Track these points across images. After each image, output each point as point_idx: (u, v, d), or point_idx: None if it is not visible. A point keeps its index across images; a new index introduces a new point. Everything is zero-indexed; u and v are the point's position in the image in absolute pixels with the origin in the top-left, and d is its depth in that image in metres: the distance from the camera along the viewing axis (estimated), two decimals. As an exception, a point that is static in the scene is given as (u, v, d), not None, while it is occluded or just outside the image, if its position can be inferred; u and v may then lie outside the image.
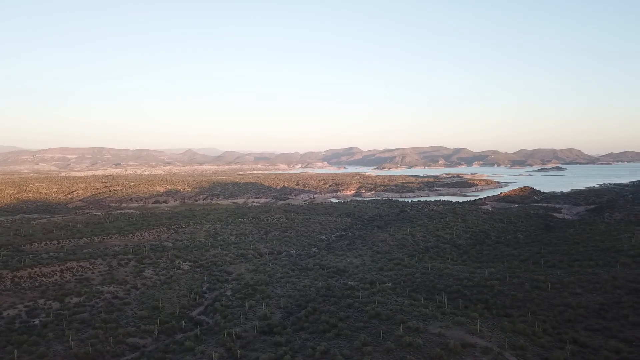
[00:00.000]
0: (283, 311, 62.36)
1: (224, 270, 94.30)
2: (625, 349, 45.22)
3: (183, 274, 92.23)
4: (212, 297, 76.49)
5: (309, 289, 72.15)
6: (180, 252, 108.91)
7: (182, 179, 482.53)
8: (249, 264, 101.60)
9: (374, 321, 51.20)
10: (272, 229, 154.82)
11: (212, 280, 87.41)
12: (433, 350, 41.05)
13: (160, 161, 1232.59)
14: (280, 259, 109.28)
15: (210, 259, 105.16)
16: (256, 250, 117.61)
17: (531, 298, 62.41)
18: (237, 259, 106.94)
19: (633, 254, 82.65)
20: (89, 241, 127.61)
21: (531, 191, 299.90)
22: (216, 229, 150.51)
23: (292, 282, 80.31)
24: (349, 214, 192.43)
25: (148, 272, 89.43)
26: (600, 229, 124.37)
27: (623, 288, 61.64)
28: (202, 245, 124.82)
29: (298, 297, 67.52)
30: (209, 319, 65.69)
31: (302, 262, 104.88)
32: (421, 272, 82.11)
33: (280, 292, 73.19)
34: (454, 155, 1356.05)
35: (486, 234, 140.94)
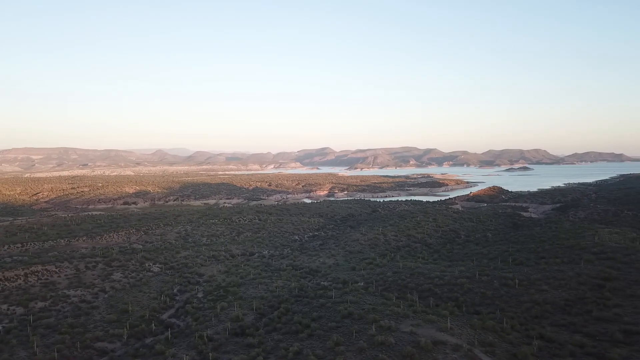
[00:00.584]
0: (255, 312, 61.97)
1: (195, 272, 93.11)
2: (589, 343, 46.65)
3: (153, 276, 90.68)
4: (183, 300, 75.42)
5: (282, 290, 71.94)
6: (150, 254, 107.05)
7: (152, 179, 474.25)
8: (220, 266, 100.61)
9: (347, 321, 51.42)
10: (245, 230, 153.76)
11: (183, 282, 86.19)
12: (405, 348, 41.48)
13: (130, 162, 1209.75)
14: (253, 260, 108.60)
15: (181, 260, 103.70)
16: (228, 251, 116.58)
17: (500, 295, 63.76)
18: (209, 261, 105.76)
19: (596, 251, 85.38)
20: (55, 244, 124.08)
21: (499, 191, 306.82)
22: (187, 231, 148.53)
23: (265, 283, 79.90)
24: (321, 214, 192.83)
25: (117, 275, 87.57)
26: (566, 227, 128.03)
27: (587, 284, 63.60)
28: (173, 247, 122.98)
29: (271, 298, 67.25)
30: (180, 322, 64.75)
31: (275, 263, 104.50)
32: (393, 271, 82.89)
33: (253, 293, 72.74)
34: (424, 155, 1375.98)
35: (456, 233, 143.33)
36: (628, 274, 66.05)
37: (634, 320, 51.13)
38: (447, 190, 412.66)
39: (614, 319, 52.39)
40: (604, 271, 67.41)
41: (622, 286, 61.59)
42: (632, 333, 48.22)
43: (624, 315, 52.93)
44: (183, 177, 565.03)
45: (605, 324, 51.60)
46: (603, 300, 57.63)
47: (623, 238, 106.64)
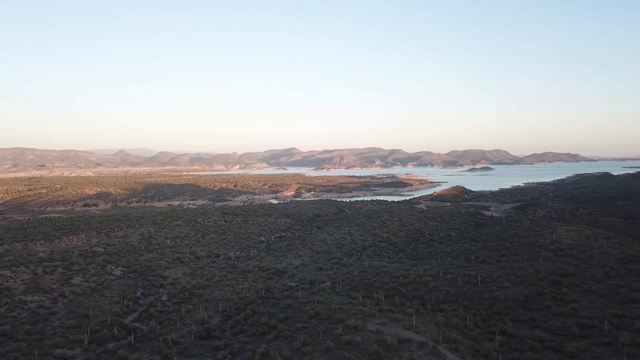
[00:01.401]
0: (221, 315, 61.30)
1: (159, 275, 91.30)
2: (548, 337, 48.26)
3: (115, 279, 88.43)
4: (147, 303, 73.83)
5: (248, 292, 71.41)
6: (112, 257, 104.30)
7: (113, 180, 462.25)
8: (185, 268, 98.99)
9: (314, 321, 51.47)
10: (210, 232, 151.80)
11: (146, 285, 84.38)
12: (371, 347, 41.84)
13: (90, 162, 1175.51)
14: (218, 262, 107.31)
15: (145, 263, 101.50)
16: (193, 253, 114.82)
17: (463, 293, 65.13)
18: (173, 263, 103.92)
19: (554, 248, 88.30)
20: (10, 248, 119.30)
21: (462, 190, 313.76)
22: (150, 233, 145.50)
23: (231, 285, 79.15)
24: (288, 215, 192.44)
25: (77, 279, 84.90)
26: (525, 225, 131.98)
27: (545, 280, 65.74)
28: (136, 249, 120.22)
29: (237, 300, 66.65)
30: (143, 326, 63.36)
31: (241, 265, 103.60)
32: (359, 270, 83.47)
33: (219, 295, 71.94)
34: (389, 156, 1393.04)
35: (421, 232, 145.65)
36: (584, 270, 68.63)
37: (590, 315, 53.19)
38: (412, 190, 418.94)
39: (571, 314, 54.34)
40: (562, 268, 69.80)
41: (578, 282, 63.94)
42: (587, 327, 50.15)
43: (580, 310, 54.97)
44: (146, 178, 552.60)
45: (563, 319, 53.47)
46: (561, 296, 59.69)
47: (579, 235, 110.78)
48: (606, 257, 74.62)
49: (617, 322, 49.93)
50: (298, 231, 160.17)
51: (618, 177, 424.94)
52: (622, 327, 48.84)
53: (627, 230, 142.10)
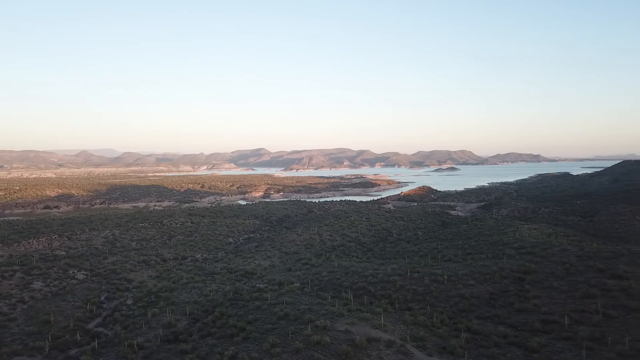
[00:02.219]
0: (189, 318, 60.42)
1: (124, 278, 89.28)
2: (511, 333, 49.55)
3: (78, 284, 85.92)
4: (111, 307, 72.08)
5: (216, 294, 70.60)
6: (75, 261, 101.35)
7: (76, 182, 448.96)
8: (151, 271, 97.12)
9: (283, 322, 51.32)
10: (176, 234, 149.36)
11: (111, 289, 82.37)
12: (340, 347, 42.01)
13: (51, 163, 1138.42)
14: (186, 264, 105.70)
15: (109, 266, 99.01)
16: (159, 255, 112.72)
17: (430, 291, 66.16)
18: (139, 266, 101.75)
19: (517, 246, 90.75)
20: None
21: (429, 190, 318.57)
22: (115, 235, 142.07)
23: (199, 287, 78.10)
24: (257, 216, 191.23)
25: (37, 284, 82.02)
26: (490, 224, 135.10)
27: (509, 278, 67.48)
28: (100, 252, 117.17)
29: (205, 303, 65.81)
30: (107, 331, 61.81)
31: (209, 267, 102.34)
32: (328, 270, 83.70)
33: (186, 298, 70.86)
34: (358, 156, 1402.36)
35: (388, 232, 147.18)
36: (545, 267, 70.78)
37: (551, 310, 54.90)
38: (380, 190, 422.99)
39: (533, 310, 55.97)
40: (524, 265, 71.79)
41: (540, 279, 65.90)
42: (549, 322, 51.75)
43: (542, 306, 56.68)
44: (110, 179, 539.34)
45: (525, 315, 55.01)
46: (523, 293, 61.39)
47: (540, 233, 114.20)
48: (566, 254, 77.15)
49: (577, 317, 51.71)
50: (267, 232, 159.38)
51: (577, 177, 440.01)
52: (581, 322, 50.61)
53: (585, 228, 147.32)
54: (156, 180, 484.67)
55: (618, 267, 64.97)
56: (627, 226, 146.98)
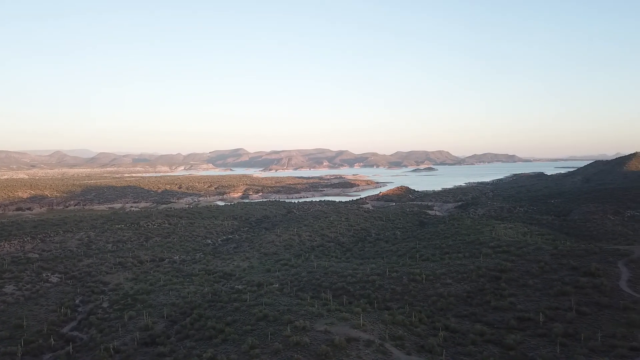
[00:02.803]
0: (167, 320, 59.69)
1: (100, 281, 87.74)
2: (488, 331, 50.30)
3: (52, 287, 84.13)
4: (87, 311, 70.73)
5: (194, 296, 69.92)
6: (49, 264, 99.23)
7: (49, 183, 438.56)
8: (128, 273, 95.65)
9: (262, 323, 51.13)
10: (154, 235, 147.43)
11: (86, 292, 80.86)
12: (319, 347, 42.05)
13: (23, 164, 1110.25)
14: (163, 266, 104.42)
15: (84, 269, 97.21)
16: (136, 257, 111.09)
17: (408, 290, 66.71)
18: (115, 268, 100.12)
19: (493, 245, 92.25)
20: None
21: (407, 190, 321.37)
22: (90, 237, 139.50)
23: (176, 289, 77.26)
24: (235, 217, 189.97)
25: (9, 288, 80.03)
26: (467, 224, 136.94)
27: (486, 276, 68.49)
28: (74, 254, 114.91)
29: (183, 305, 65.10)
30: (83, 335, 60.64)
31: (187, 268, 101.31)
32: (307, 271, 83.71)
33: (163, 300, 69.99)
34: (337, 157, 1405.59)
35: (367, 232, 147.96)
36: (521, 266, 72.05)
37: (526, 308, 55.90)
38: (359, 191, 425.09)
39: (509, 308, 56.90)
40: (500, 264, 72.95)
41: (515, 277, 67.05)
42: (524, 319, 52.68)
43: (517, 304, 57.67)
44: (85, 180, 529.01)
45: (502, 313, 55.89)
46: (500, 291, 62.36)
47: (516, 232, 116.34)
48: (541, 252, 78.70)
49: (551, 314, 52.77)
50: (246, 233, 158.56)
51: (551, 177, 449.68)
52: (555, 319, 51.66)
53: (559, 227, 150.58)
54: (133, 181, 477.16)
55: (590, 264, 66.51)
56: (599, 225, 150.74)
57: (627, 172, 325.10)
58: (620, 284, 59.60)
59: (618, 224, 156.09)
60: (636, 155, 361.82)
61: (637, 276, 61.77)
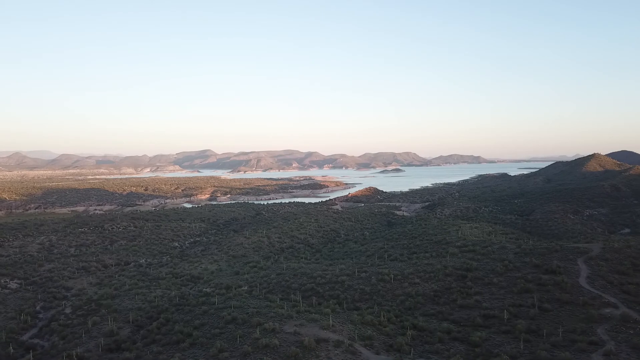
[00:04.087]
0: (132, 325, 58.44)
1: (62, 286, 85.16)
2: (455, 329, 51.25)
3: (10, 293, 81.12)
4: (48, 317, 68.58)
5: (161, 299, 68.71)
6: (7, 269, 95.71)
7: (7, 185, 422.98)
8: (91, 278, 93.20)
9: (231, 326, 50.67)
10: (119, 238, 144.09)
11: (47, 298, 78.33)
12: (289, 349, 41.96)
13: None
14: (128, 270, 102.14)
15: (45, 274, 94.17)
16: (100, 262, 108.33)
17: (377, 290, 67.32)
18: (78, 273, 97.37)
19: (459, 244, 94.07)
20: None
21: (375, 191, 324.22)
22: (52, 241, 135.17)
23: (142, 293, 75.74)
24: (203, 219, 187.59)
25: (-36, 295, 76.79)
26: (433, 224, 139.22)
27: (452, 275, 69.78)
28: (35, 259, 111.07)
29: (149, 309, 63.86)
30: (44, 342, 58.77)
31: (153, 272, 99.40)
32: (277, 273, 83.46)
33: (129, 305, 68.49)
34: (306, 158, 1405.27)
35: (337, 233, 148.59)
36: (486, 264, 73.73)
37: (491, 306, 57.24)
38: (328, 192, 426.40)
39: (475, 306, 58.13)
40: (466, 263, 74.47)
41: (481, 275, 68.55)
42: (490, 317, 53.92)
43: (483, 302, 58.98)
44: (46, 182, 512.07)
45: (468, 311, 57.05)
46: (466, 289, 63.64)
47: (481, 232, 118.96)
48: (505, 251, 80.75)
49: (515, 311, 54.20)
50: (214, 235, 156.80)
51: (514, 178, 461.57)
52: (519, 316, 53.09)
53: (522, 226, 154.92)
54: (96, 183, 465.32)
55: (552, 262, 68.66)
56: (560, 224, 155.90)
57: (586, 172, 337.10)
58: (580, 280, 61.78)
59: (577, 222, 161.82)
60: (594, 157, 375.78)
61: (596, 273, 64.17)
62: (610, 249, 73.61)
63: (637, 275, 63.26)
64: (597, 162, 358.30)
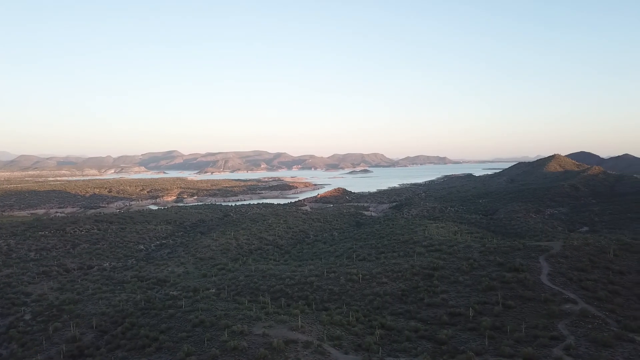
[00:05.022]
0: (96, 330, 56.87)
1: (21, 292, 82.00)
2: (422, 327, 52.03)
3: (-35, 300, 77.61)
4: (6, 324, 65.87)
5: (126, 304, 67.11)
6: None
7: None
8: (52, 282, 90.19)
9: (198, 329, 49.99)
10: (81, 242, 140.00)
11: (5, 304, 75.21)
12: (258, 351, 41.69)
13: None
14: (92, 274, 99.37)
15: (3, 279, 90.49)
16: (62, 266, 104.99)
17: (346, 291, 67.67)
18: (38, 278, 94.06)
19: (426, 244, 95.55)
20: None
21: (344, 192, 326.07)
22: (10, 245, 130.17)
23: (107, 297, 73.79)
24: (170, 221, 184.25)
25: None
26: (401, 223, 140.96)
27: (419, 274, 70.83)
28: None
29: (113, 314, 62.28)
30: (2, 351, 56.49)
31: (118, 276, 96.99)
32: (245, 275, 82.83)
33: (92, 309, 66.61)
34: (275, 159, 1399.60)
35: (306, 234, 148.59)
36: (452, 263, 75.15)
37: (457, 304, 58.37)
38: (297, 193, 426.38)
39: (441, 304, 59.17)
40: (433, 262, 75.72)
41: (447, 274, 69.84)
42: (456, 315, 54.98)
43: (449, 300, 60.08)
44: (4, 184, 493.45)
45: (434, 309, 58.01)
46: (432, 288, 64.70)
47: (447, 231, 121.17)
48: (470, 250, 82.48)
49: (480, 309, 55.44)
50: (180, 238, 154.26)
51: (479, 178, 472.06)
52: (484, 313, 54.32)
53: (487, 225, 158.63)
54: (58, 185, 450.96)
55: (515, 260, 70.55)
56: (522, 222, 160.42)
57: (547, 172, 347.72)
58: (542, 277, 63.69)
59: (539, 221, 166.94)
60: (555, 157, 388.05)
61: (556, 270, 66.27)
62: (570, 247, 76.11)
63: (595, 271, 65.66)
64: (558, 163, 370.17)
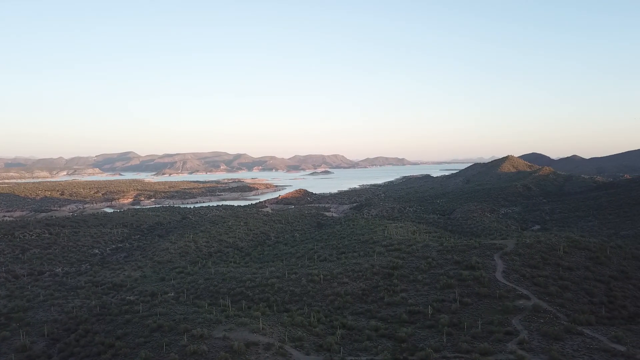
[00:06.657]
0: (47, 339, 54.65)
1: (-34, 300, 77.89)
2: (382, 326, 52.70)
3: None
4: (-51, 335, 62.40)
5: (80, 310, 64.81)
6: None
7: None
8: (0, 290, 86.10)
9: (156, 334, 48.86)
10: (31, 247, 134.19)
11: (-53, 314, 71.25)
12: (218, 354, 41.15)
13: None
14: (43, 280, 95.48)
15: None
16: (10, 272, 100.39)
17: (307, 291, 67.74)
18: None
19: (386, 243, 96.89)
20: None
21: (305, 193, 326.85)
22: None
23: (59, 304, 70.96)
24: (126, 224, 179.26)
25: None
26: (361, 224, 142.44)
27: (379, 274, 71.75)
28: None
29: (66, 321, 60.03)
30: (-57, 363, 53.46)
31: (71, 281, 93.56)
32: (205, 278, 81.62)
33: (44, 317, 63.97)
34: (235, 160, 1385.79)
35: (267, 235, 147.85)
36: (410, 262, 76.54)
37: (417, 302, 59.50)
38: (258, 194, 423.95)
39: (401, 303, 60.16)
40: (392, 261, 76.87)
41: (406, 273, 71.07)
42: (415, 313, 56.02)
43: (408, 298, 61.17)
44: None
45: (394, 308, 58.91)
46: (392, 287, 65.69)
47: (406, 231, 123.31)
48: (428, 249, 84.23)
49: (438, 306, 56.70)
50: (137, 241, 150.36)
51: (437, 179, 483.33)
52: (442, 311, 55.59)
53: (444, 225, 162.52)
54: (5, 187, 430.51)
55: (471, 258, 72.56)
56: (478, 222, 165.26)
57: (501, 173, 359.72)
58: (497, 275, 65.81)
59: (494, 220, 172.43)
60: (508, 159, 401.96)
61: (510, 267, 68.64)
62: (523, 245, 78.96)
63: (546, 268, 68.39)
64: (511, 164, 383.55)
